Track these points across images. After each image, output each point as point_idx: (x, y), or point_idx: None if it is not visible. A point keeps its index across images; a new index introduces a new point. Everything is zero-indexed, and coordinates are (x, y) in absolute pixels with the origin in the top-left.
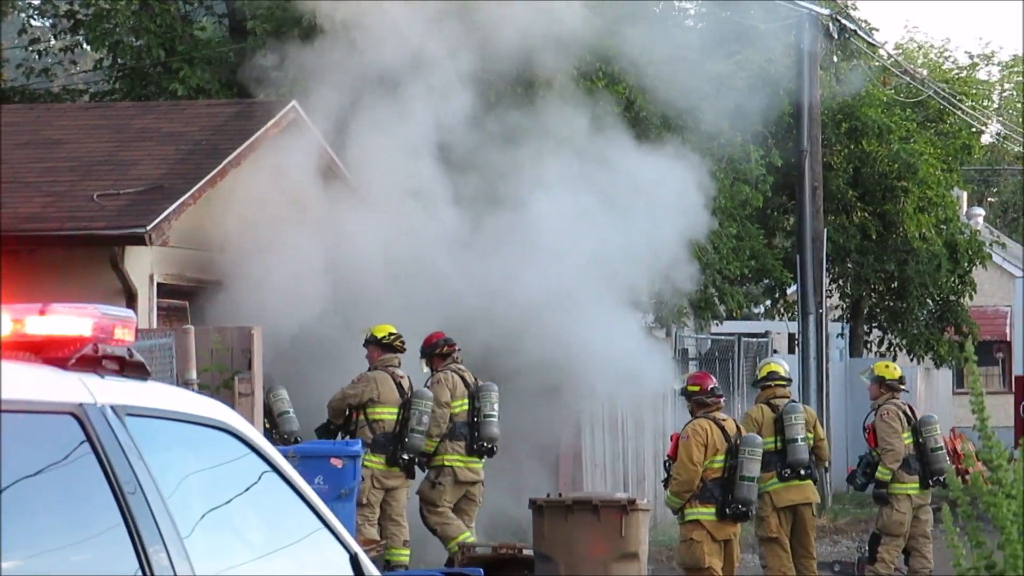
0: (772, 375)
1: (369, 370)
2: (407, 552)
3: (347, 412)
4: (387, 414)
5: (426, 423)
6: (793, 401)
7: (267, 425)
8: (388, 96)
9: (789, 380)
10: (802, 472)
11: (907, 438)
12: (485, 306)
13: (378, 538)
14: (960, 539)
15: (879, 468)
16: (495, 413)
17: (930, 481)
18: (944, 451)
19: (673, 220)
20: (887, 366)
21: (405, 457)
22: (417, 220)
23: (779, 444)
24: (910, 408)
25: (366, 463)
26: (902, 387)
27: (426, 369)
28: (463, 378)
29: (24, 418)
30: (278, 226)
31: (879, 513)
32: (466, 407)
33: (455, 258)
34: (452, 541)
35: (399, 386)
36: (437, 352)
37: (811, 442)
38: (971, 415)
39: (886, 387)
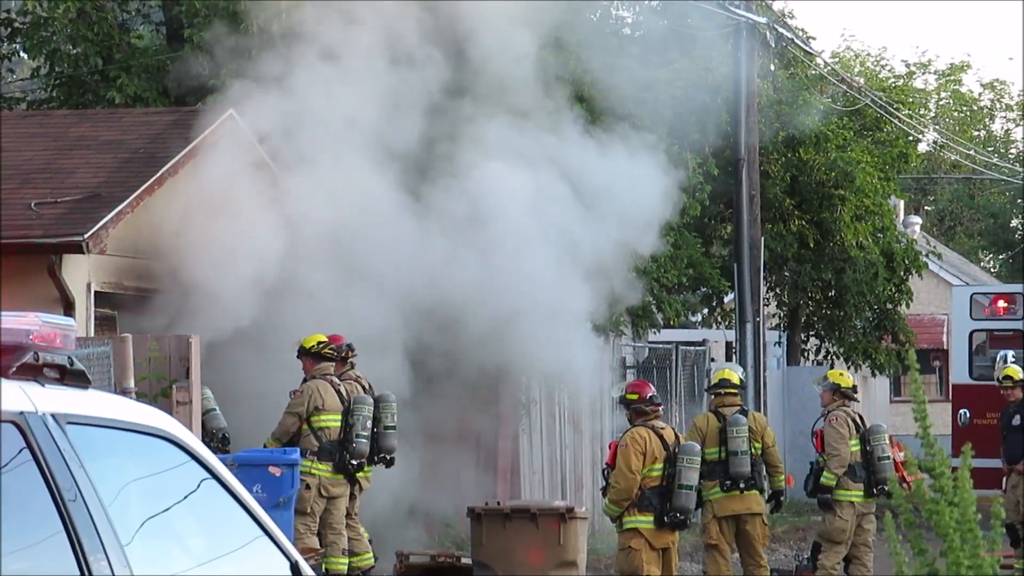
0: (723, 383)
1: (306, 380)
2: (345, 561)
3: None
4: (332, 421)
5: (369, 428)
6: (740, 411)
7: None
8: (329, 97)
9: (741, 388)
10: (742, 485)
11: (855, 445)
12: (426, 311)
13: (318, 547)
14: (902, 546)
15: (824, 473)
16: (394, 424)
17: (875, 490)
18: (891, 460)
19: (619, 228)
20: (841, 374)
21: (354, 463)
22: (357, 223)
23: (723, 454)
24: (860, 416)
25: (313, 471)
26: (855, 396)
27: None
28: (362, 387)
29: None
30: (216, 233)
31: (822, 519)
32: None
33: (397, 262)
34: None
35: (339, 393)
36: (339, 356)
37: (758, 451)
38: (909, 423)
39: (840, 394)
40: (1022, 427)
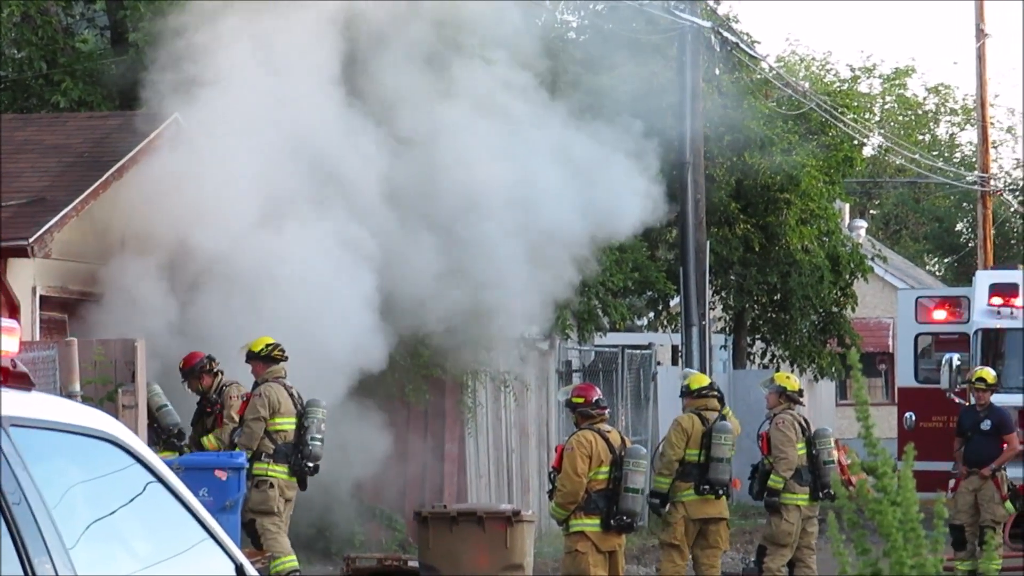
0: (712, 386)
1: (257, 384)
2: (293, 557)
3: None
4: (287, 424)
5: (323, 430)
6: (723, 419)
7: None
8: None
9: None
10: (720, 491)
11: (801, 449)
12: (376, 310)
13: (290, 548)
14: (846, 546)
15: (771, 476)
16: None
17: (820, 493)
18: (836, 464)
19: (565, 230)
20: (788, 377)
21: (309, 465)
22: (302, 221)
23: (703, 458)
24: (805, 420)
25: (270, 473)
26: (800, 400)
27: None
28: (212, 402)
29: None
30: (162, 237)
31: (767, 522)
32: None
33: (351, 264)
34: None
35: (291, 396)
36: (202, 370)
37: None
38: (854, 426)
39: (785, 398)
40: (993, 432)
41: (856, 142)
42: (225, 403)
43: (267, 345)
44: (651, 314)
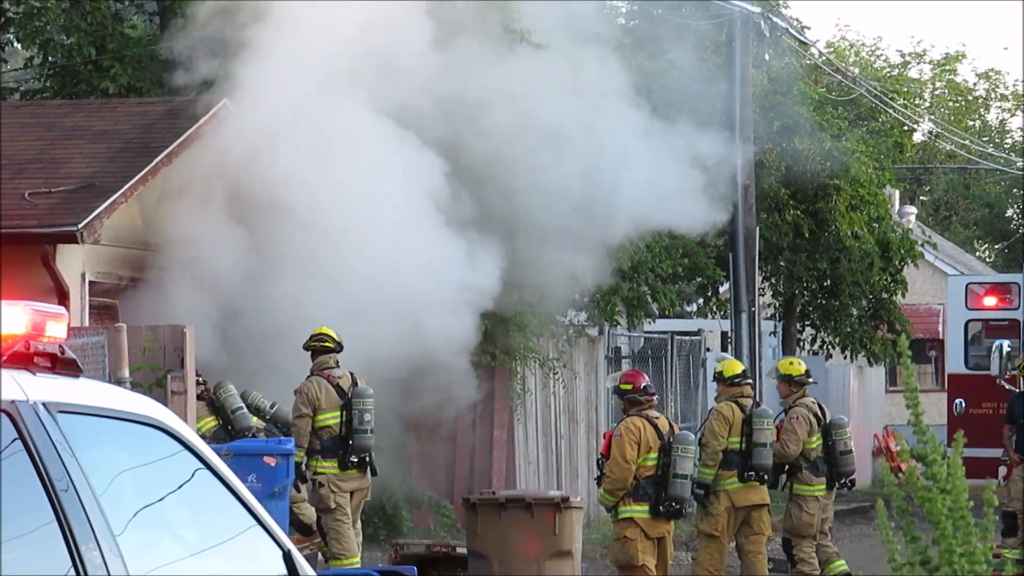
0: (745, 374)
1: (307, 379)
2: (356, 559)
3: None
4: (331, 419)
5: (369, 420)
6: (760, 404)
7: (219, 422)
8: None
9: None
10: (765, 476)
11: (816, 440)
12: (423, 294)
13: (352, 539)
14: (895, 534)
15: (776, 450)
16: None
17: (836, 484)
18: (852, 455)
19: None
20: (791, 363)
21: (354, 459)
22: (360, 204)
23: (744, 445)
24: (820, 408)
25: (320, 470)
26: (809, 380)
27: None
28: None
29: None
30: (210, 223)
31: (787, 514)
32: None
33: (399, 247)
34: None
35: (338, 388)
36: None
37: None
38: (904, 413)
39: (795, 384)
40: None
41: (906, 128)
42: None
43: (311, 336)
44: (700, 300)
